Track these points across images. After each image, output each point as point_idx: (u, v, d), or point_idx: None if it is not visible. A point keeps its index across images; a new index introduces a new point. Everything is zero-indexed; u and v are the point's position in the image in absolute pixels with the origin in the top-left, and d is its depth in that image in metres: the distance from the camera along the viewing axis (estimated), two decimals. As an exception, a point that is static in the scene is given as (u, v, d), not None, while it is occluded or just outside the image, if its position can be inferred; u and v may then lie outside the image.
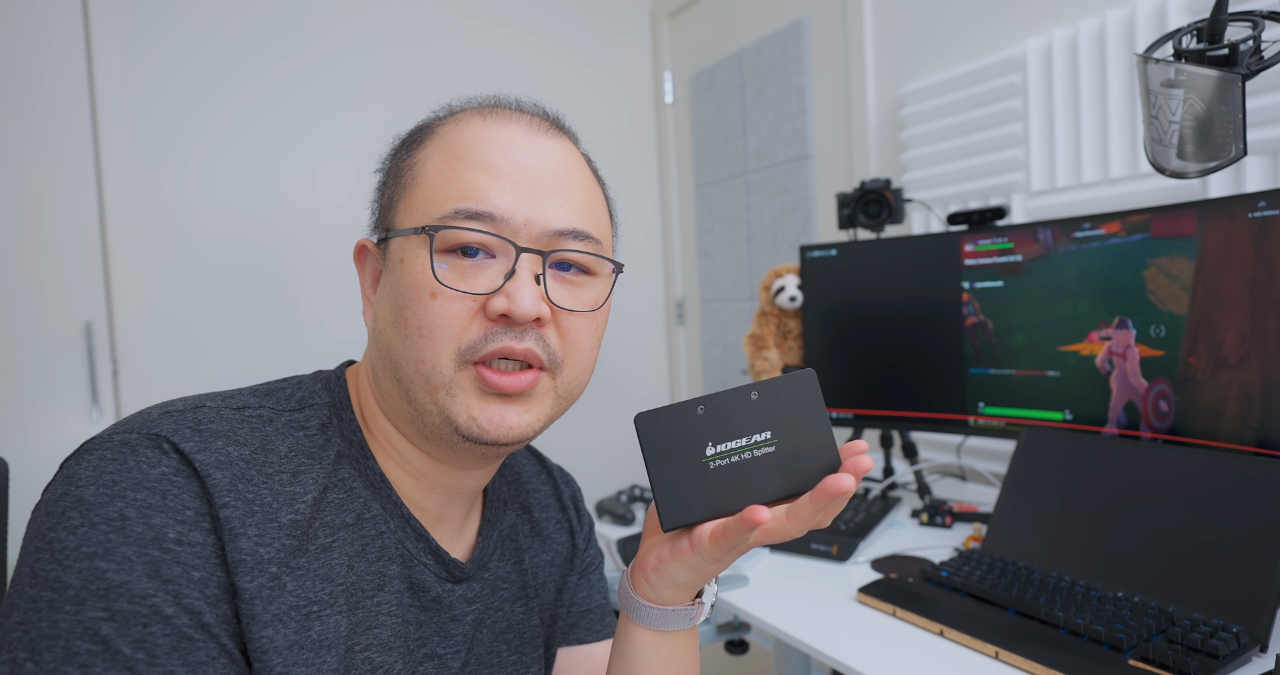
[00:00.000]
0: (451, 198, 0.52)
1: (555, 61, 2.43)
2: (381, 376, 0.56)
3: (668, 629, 0.56)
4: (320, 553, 0.51)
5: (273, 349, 1.98)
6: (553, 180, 0.54)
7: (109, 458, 0.45)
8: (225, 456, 0.48)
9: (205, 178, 1.91)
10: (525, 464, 0.75)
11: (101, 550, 0.43)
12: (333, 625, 0.50)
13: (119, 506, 0.44)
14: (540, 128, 0.57)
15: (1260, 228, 0.91)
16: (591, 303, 0.56)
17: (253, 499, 0.48)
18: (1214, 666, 0.70)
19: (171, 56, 1.87)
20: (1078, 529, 0.94)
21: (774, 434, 0.49)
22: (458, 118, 0.57)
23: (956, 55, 1.64)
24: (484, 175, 0.52)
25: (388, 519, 0.56)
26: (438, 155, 0.54)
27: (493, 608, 0.64)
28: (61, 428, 1.75)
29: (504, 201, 0.52)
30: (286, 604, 0.47)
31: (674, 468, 0.49)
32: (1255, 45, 0.79)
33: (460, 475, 0.60)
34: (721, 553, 0.49)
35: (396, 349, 0.53)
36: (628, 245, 2.61)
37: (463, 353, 0.51)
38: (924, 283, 1.30)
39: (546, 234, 0.53)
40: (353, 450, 0.56)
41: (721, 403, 0.50)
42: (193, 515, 0.45)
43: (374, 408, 0.58)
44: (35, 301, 1.73)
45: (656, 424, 0.50)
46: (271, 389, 0.57)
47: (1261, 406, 0.91)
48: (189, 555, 0.44)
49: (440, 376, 0.52)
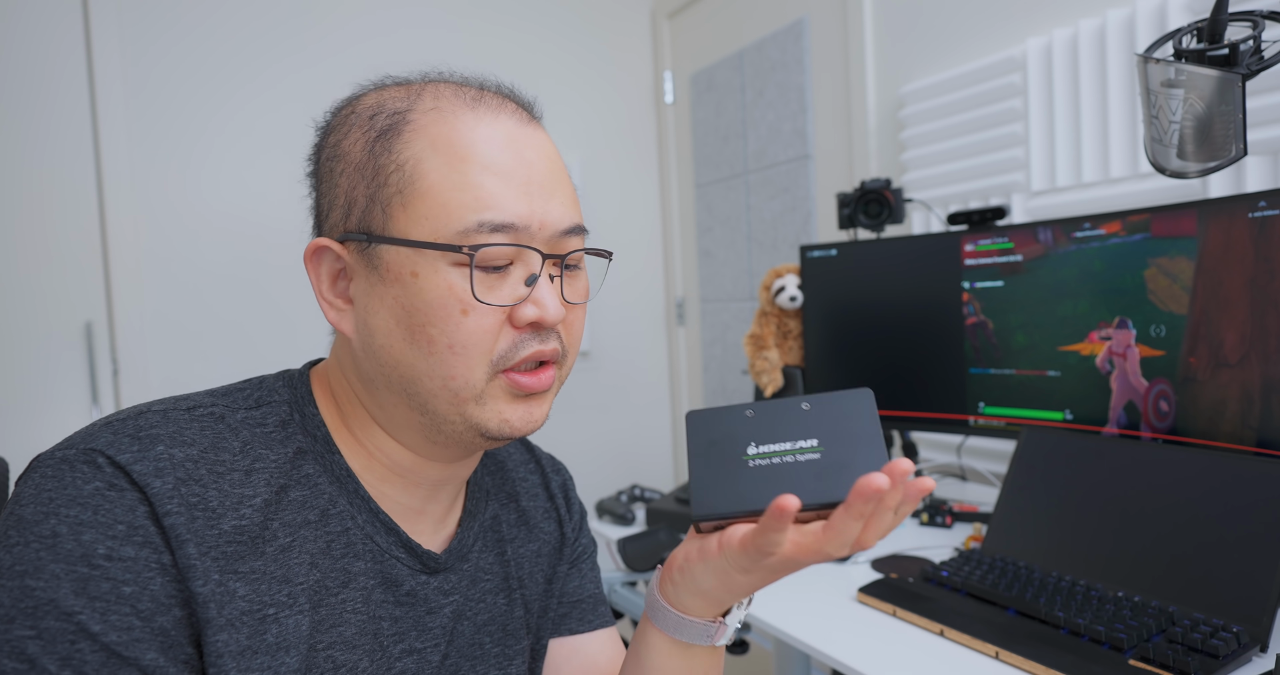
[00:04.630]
0: (469, 207, 0.50)
1: (555, 61, 2.43)
2: (381, 388, 0.54)
3: (683, 640, 0.54)
4: (278, 553, 0.50)
5: (273, 348, 1.98)
6: (550, 176, 0.54)
7: (49, 475, 0.45)
8: (167, 461, 0.47)
9: (205, 177, 1.91)
10: (512, 453, 0.74)
11: (32, 568, 0.43)
12: (292, 626, 0.49)
13: (52, 524, 0.44)
14: (525, 117, 0.56)
15: (1260, 227, 0.91)
16: (588, 292, 0.58)
17: (195, 503, 0.47)
18: (1214, 666, 0.70)
19: (172, 56, 1.87)
20: (1078, 529, 0.94)
21: (821, 442, 0.48)
22: (440, 108, 0.53)
23: (956, 55, 1.64)
24: (496, 179, 0.51)
25: (355, 514, 0.55)
26: (434, 154, 0.51)
27: (473, 599, 0.63)
28: (61, 427, 1.75)
29: (520, 208, 0.51)
30: (238, 609, 0.47)
31: (713, 462, 0.50)
32: (1255, 45, 0.79)
33: (448, 469, 0.59)
34: (750, 561, 0.47)
35: (416, 365, 0.51)
36: (628, 245, 2.61)
37: (495, 364, 0.52)
38: (924, 283, 1.30)
39: (555, 234, 0.53)
40: (316, 446, 0.55)
41: (772, 408, 0.51)
42: (124, 529, 0.44)
43: (359, 412, 0.57)
44: (35, 301, 1.73)
45: (705, 422, 0.51)
46: (230, 389, 0.56)
47: (1262, 406, 0.91)
48: (119, 571, 0.44)
49: (471, 389, 0.51)
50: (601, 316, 2.53)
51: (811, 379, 1.47)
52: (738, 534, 0.47)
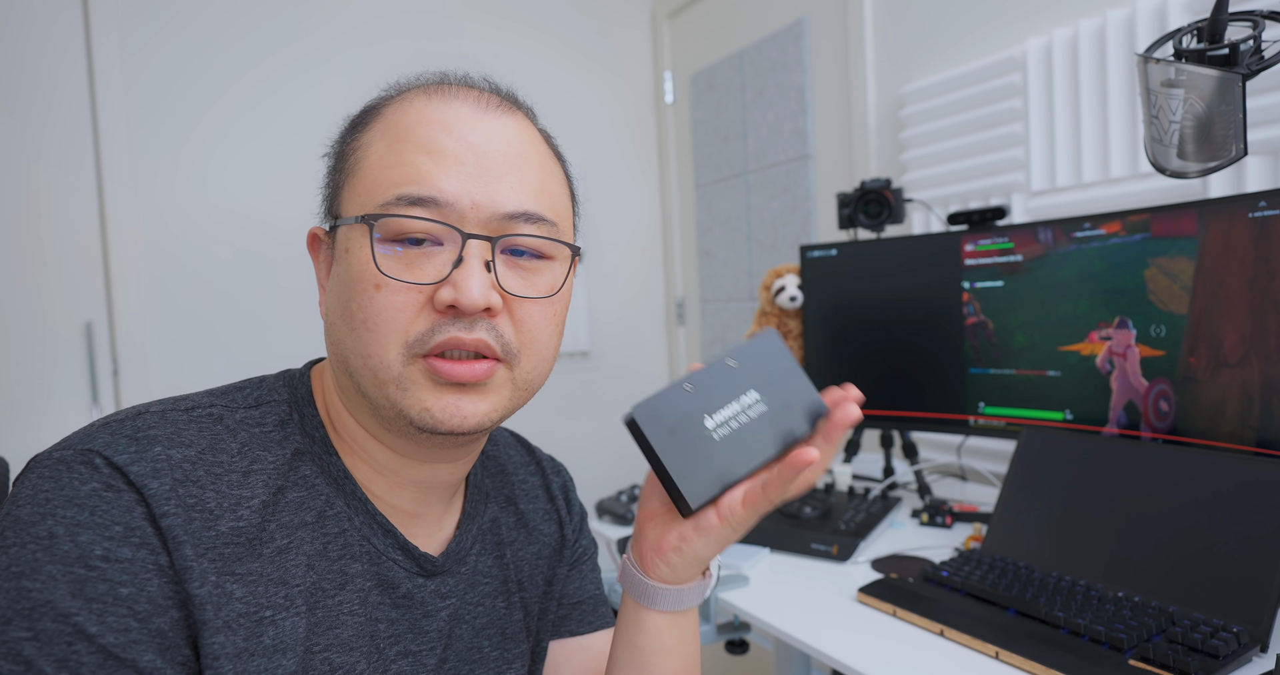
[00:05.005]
0: (393, 183, 0.50)
1: (555, 61, 2.43)
2: (338, 370, 0.55)
3: (683, 608, 0.58)
4: (275, 555, 0.50)
5: (273, 348, 1.98)
6: (502, 160, 0.52)
7: (46, 476, 0.45)
8: (165, 462, 0.47)
9: (205, 177, 1.91)
10: (512, 455, 0.74)
11: (28, 569, 0.42)
12: (289, 628, 0.49)
13: (49, 525, 0.43)
14: (490, 104, 0.54)
15: (1260, 227, 0.91)
16: (547, 289, 0.54)
17: (193, 504, 0.47)
18: (1214, 666, 0.70)
19: (172, 56, 1.87)
20: (1078, 529, 0.94)
21: (759, 391, 0.52)
22: (403, 97, 0.54)
23: (957, 55, 1.64)
24: (427, 158, 0.50)
25: (351, 515, 0.55)
26: (381, 138, 0.52)
27: (471, 603, 0.63)
28: (62, 427, 1.75)
29: (449, 185, 0.49)
30: (235, 611, 0.47)
31: (681, 448, 0.50)
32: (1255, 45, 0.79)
33: (428, 469, 0.58)
34: (751, 517, 0.52)
35: (345, 343, 0.51)
36: (628, 245, 2.61)
37: (410, 346, 0.49)
38: (924, 283, 1.30)
39: (496, 218, 0.51)
40: (315, 447, 0.55)
41: (705, 376, 0.52)
42: (121, 530, 0.44)
43: (337, 403, 0.56)
44: (35, 301, 1.73)
45: (653, 413, 0.51)
46: (230, 388, 0.56)
47: (1262, 406, 0.91)
48: (116, 572, 0.44)
49: (388, 371, 0.50)
50: (601, 316, 2.53)
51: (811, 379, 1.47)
52: (738, 499, 0.51)
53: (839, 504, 1.27)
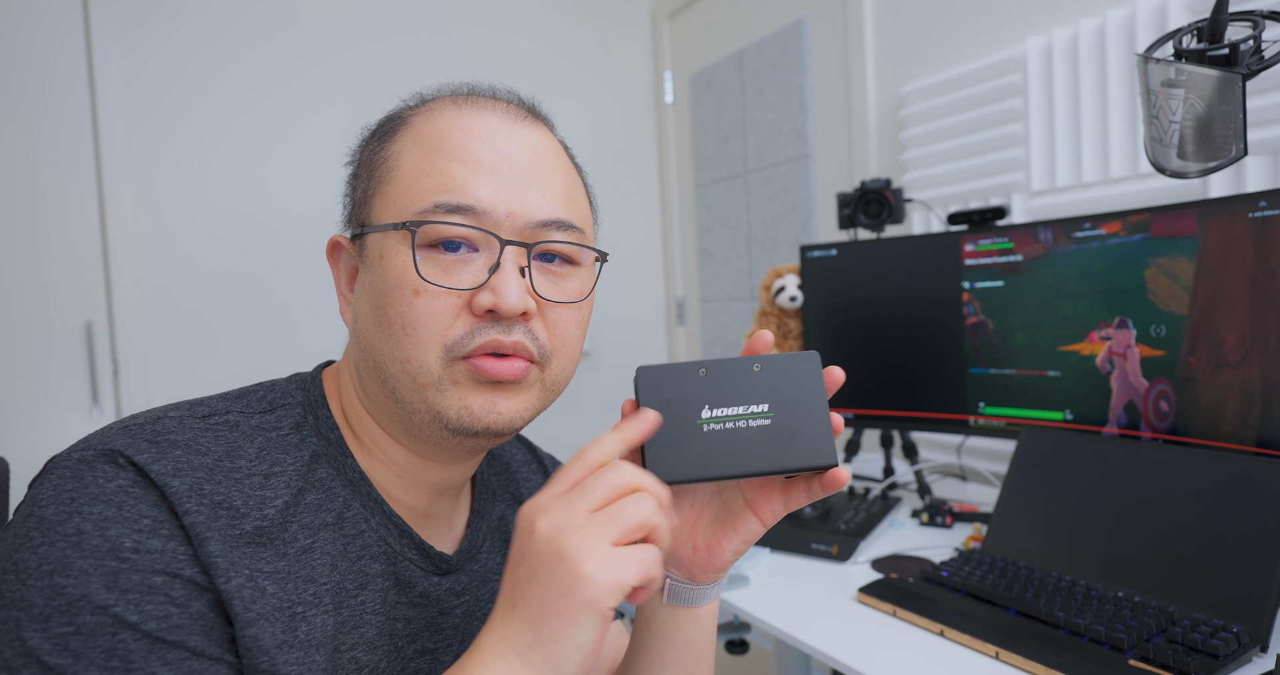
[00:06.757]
0: (430, 191, 0.51)
1: (555, 62, 2.43)
2: (365, 376, 0.55)
3: (716, 598, 0.58)
4: (301, 555, 0.50)
5: (274, 348, 1.98)
6: (533, 170, 0.53)
7: (68, 476, 0.45)
8: (185, 465, 0.47)
9: (206, 177, 1.91)
10: (516, 454, 0.75)
11: (60, 566, 0.43)
12: (319, 625, 0.49)
13: (76, 522, 0.44)
14: (517, 115, 0.56)
15: (1260, 227, 0.91)
16: (576, 293, 0.56)
17: (220, 501, 0.47)
18: (1214, 666, 0.70)
19: (172, 57, 1.87)
20: (1078, 529, 0.94)
21: (771, 407, 0.50)
22: (431, 107, 0.56)
23: (957, 55, 1.64)
24: (463, 167, 0.51)
25: (368, 516, 0.56)
26: (413, 147, 0.53)
27: (483, 600, 0.63)
28: (62, 427, 1.75)
29: (485, 193, 0.51)
30: (270, 605, 0.47)
31: (667, 423, 0.49)
32: (1255, 45, 0.79)
33: (446, 471, 0.59)
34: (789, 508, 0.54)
35: (380, 348, 0.52)
36: (628, 245, 2.61)
37: (449, 349, 0.51)
38: (924, 283, 1.30)
39: (529, 225, 0.52)
40: (330, 449, 0.56)
41: (724, 369, 0.50)
42: (150, 523, 0.45)
43: (358, 407, 0.57)
44: (36, 301, 1.73)
45: (657, 379, 0.50)
46: (243, 392, 0.56)
47: (1262, 406, 0.91)
48: (148, 562, 0.44)
49: (428, 375, 0.51)
50: (602, 316, 2.53)
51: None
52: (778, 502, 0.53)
53: (839, 504, 1.27)
